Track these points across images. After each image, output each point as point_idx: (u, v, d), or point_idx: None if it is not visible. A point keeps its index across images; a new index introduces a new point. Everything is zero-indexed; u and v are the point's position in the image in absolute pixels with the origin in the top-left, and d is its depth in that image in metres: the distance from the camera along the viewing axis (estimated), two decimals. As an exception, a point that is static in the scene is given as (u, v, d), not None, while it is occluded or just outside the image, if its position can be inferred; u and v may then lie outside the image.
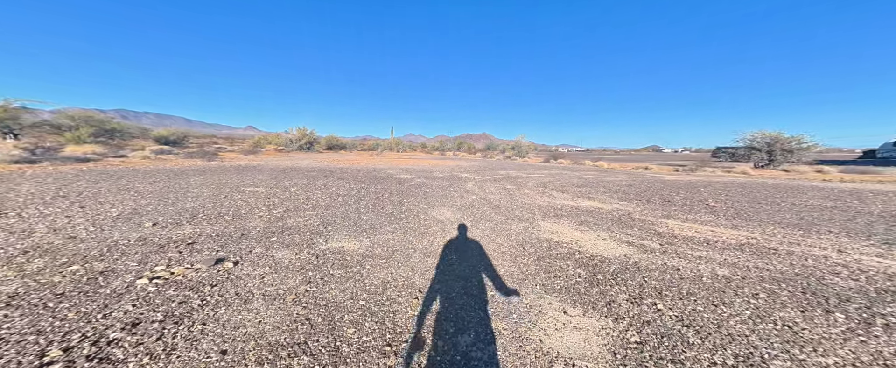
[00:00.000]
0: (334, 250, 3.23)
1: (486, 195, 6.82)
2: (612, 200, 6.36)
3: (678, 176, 11.60)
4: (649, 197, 6.59)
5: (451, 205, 5.69)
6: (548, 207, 5.59)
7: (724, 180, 10.00)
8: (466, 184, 8.79)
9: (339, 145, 34.33)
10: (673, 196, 6.68)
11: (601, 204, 5.87)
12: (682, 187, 8.20)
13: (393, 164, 16.08)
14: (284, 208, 4.99)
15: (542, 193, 7.30)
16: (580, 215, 4.86)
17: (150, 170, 9.32)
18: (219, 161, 13.73)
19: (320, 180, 8.41)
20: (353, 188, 7.28)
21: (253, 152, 22.89)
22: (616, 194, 7.16)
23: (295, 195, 6.03)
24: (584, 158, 28.07)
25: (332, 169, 12.04)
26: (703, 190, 7.61)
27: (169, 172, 9.15)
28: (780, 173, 11.98)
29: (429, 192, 7.14)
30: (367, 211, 5.05)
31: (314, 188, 7.00)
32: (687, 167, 14.66)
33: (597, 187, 8.39)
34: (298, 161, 15.93)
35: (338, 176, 9.65)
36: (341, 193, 6.60)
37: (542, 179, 10.40)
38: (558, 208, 5.42)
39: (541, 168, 15.40)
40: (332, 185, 7.70)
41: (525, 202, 6.03)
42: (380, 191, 7.03)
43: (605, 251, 3.25)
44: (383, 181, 8.77)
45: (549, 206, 5.67)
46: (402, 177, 10.02)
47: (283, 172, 10.31)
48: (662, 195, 6.79)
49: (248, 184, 7.26)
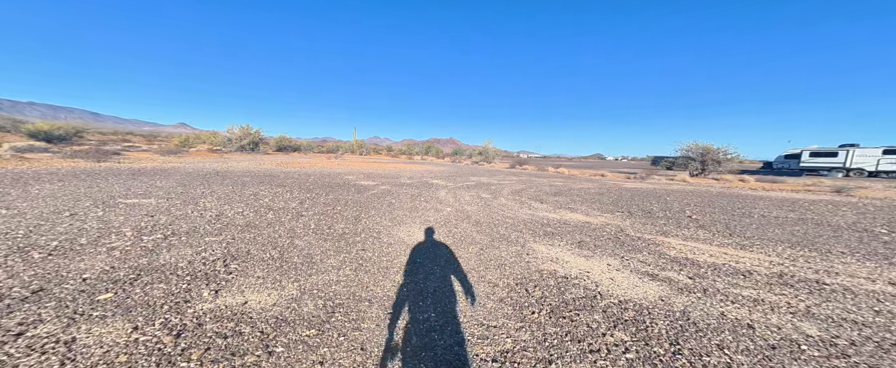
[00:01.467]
0: (224, 312, 1.87)
1: (463, 207, 5.81)
2: (594, 211, 5.83)
3: (636, 184, 12.02)
4: (628, 208, 6.24)
5: (422, 220, 4.53)
6: (532, 221, 4.77)
7: (676, 189, 10.49)
8: (439, 192, 7.71)
9: (291, 147, 30.77)
10: (649, 207, 6.43)
11: (586, 217, 5.26)
12: (649, 196, 8.19)
13: (354, 168, 14.31)
14: (168, 231, 3.33)
15: (520, 203, 6.54)
16: (573, 234, 4.10)
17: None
18: (114, 162, 10.61)
19: (251, 189, 6.58)
20: (294, 199, 5.68)
21: (176, 152, 18.90)
22: (594, 204, 6.72)
23: (199, 212, 4.31)
24: (544, 164, 29.13)
25: (275, 174, 9.99)
26: (670, 199, 7.63)
27: (6, 176, 6.42)
28: (711, 181, 13.24)
29: (395, 203, 5.88)
30: (306, 233, 3.64)
31: (237, 200, 5.26)
32: (637, 175, 15.55)
33: (571, 195, 7.97)
34: (233, 164, 13.27)
35: (279, 183, 7.82)
36: (276, 206, 5.00)
37: (514, 186, 9.80)
38: (544, 224, 4.63)
39: (509, 174, 15.05)
40: (266, 194, 5.98)
41: (506, 216, 5.14)
42: (331, 203, 5.56)
43: (633, 293, 2.42)
44: (338, 189, 7.24)
45: (533, 220, 4.86)
46: (362, 184, 8.55)
47: (203, 177, 8.09)
48: (639, 206, 6.51)
49: (131, 194, 5.20)
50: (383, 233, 3.83)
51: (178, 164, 11.68)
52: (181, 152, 19.29)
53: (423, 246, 3.40)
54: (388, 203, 5.82)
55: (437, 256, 3.10)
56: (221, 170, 10.25)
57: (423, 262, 2.93)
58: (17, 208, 3.84)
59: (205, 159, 16.05)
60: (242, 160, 15.87)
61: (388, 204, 5.75)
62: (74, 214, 3.73)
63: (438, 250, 3.30)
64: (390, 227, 4.12)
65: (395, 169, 15.06)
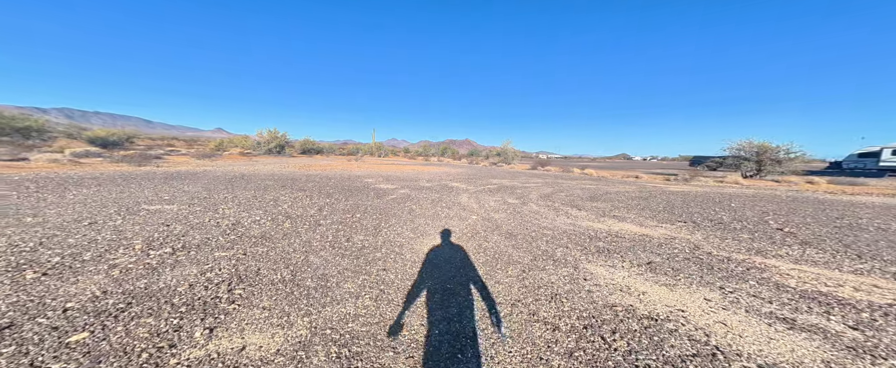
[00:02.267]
0: (214, 365, 1.43)
1: (489, 215, 5.22)
2: (647, 220, 5.00)
3: (681, 186, 10.77)
4: (688, 216, 5.33)
5: (446, 231, 4.01)
6: (576, 233, 4.08)
7: (734, 192, 9.20)
8: (460, 197, 7.16)
9: (314, 149, 31.59)
10: (714, 215, 5.48)
11: (641, 228, 4.47)
12: (706, 202, 7.12)
13: (373, 170, 14.14)
14: (179, 243, 3.05)
15: (554, 209, 5.83)
16: (634, 250, 3.38)
17: (29, 178, 6.76)
18: (153, 166, 11.07)
19: (272, 194, 6.39)
20: (313, 205, 5.38)
21: (210, 155, 19.83)
22: (643, 211, 5.86)
23: (217, 220, 4.06)
24: (567, 164, 27.54)
25: (297, 177, 9.93)
26: (736, 206, 6.54)
27: (48, 181, 6.66)
28: (771, 183, 11.59)
29: (415, 209, 5.41)
30: (323, 247, 3.24)
31: (255, 206, 5.02)
32: (679, 177, 14.06)
33: (610, 200, 7.10)
34: (260, 167, 13.52)
35: (300, 187, 7.64)
36: (294, 213, 4.69)
37: (541, 189, 9.03)
38: (592, 236, 3.93)
39: (532, 176, 14.19)
40: (287, 200, 5.74)
41: (543, 226, 4.49)
42: (350, 209, 5.20)
43: (773, 351, 1.69)
44: (358, 194, 6.91)
45: (576, 231, 4.17)
46: (382, 187, 8.20)
47: (229, 181, 8.09)
48: (702, 214, 5.57)
49: (157, 200, 5.11)
50: (405, 247, 3.35)
51: (210, 167, 12.04)
52: (215, 156, 20.23)
53: (450, 266, 2.87)
54: (408, 210, 5.36)
55: (469, 279, 2.56)
56: (247, 173, 10.37)
57: (454, 289, 2.40)
58: (45, 215, 3.78)
59: (235, 162, 16.62)
60: (268, 163, 16.26)
61: (409, 211, 5.29)
62: (93, 222, 3.58)
63: (469, 271, 2.75)
64: (413, 240, 3.64)
65: (413, 171, 14.72)
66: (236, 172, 10.76)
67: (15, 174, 7.15)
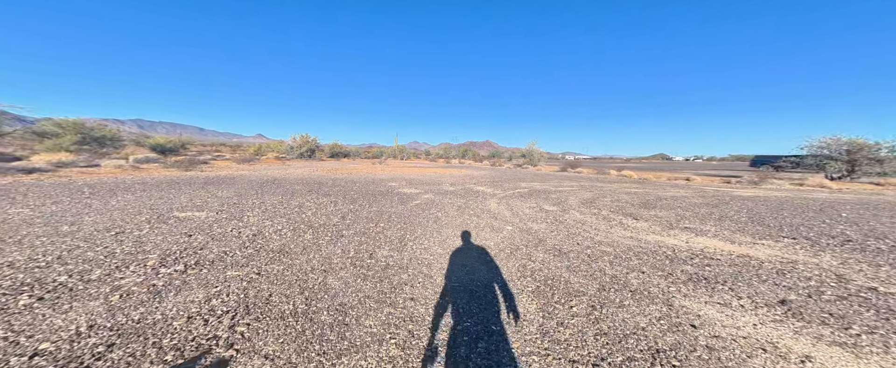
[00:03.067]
0: None
1: (527, 225, 4.53)
2: (736, 234, 4.01)
3: (752, 190, 9.15)
4: (794, 230, 4.23)
5: (478, 244, 3.42)
6: (644, 250, 3.28)
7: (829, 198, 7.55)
8: (488, 203, 6.52)
9: (342, 153, 32.58)
10: (829, 228, 4.31)
11: (732, 245, 3.53)
12: (801, 210, 5.79)
13: (396, 173, 13.92)
14: (194, 259, 2.77)
15: (603, 219, 4.98)
16: (744, 279, 2.55)
17: (89, 183, 7.26)
18: (198, 171, 11.73)
19: (298, 199, 6.23)
20: (337, 212, 5.07)
21: (249, 160, 21.04)
22: (721, 221, 4.80)
23: (239, 229, 3.83)
24: (597, 166, 25.43)
25: (324, 181, 9.90)
26: (852, 216, 5.18)
27: (104, 186, 7.07)
28: (871, 186, 9.46)
29: (441, 218, 4.88)
30: (344, 264, 2.81)
31: (280, 214, 4.80)
32: (743, 179, 12.06)
33: (669, 207, 6.03)
34: (291, 171, 13.89)
35: (325, 191, 7.48)
36: (317, 222, 4.37)
37: (580, 194, 8.07)
38: (670, 256, 3.11)
39: (564, 179, 13.07)
40: (311, 206, 5.50)
41: (597, 240, 3.72)
42: (374, 217, 4.80)
43: None
44: (382, 199, 6.55)
45: (644, 248, 3.36)
46: (405, 192, 7.80)
47: (260, 186, 8.17)
48: (811, 227, 4.41)
49: (189, 206, 5.09)
50: (434, 267, 2.81)
51: (246, 172, 12.55)
52: (253, 161, 21.47)
53: (492, 295, 2.27)
54: (433, 218, 4.84)
55: (518, 315, 1.95)
56: (279, 178, 10.57)
57: (501, 331, 1.80)
58: (81, 223, 3.80)
59: (270, 166, 17.39)
60: (299, 167, 16.77)
61: (434, 219, 4.77)
62: (120, 232, 3.49)
63: (516, 303, 2.14)
64: (441, 256, 3.09)
65: (435, 174, 14.29)
66: (269, 176, 11.03)
67: (80, 180, 7.78)
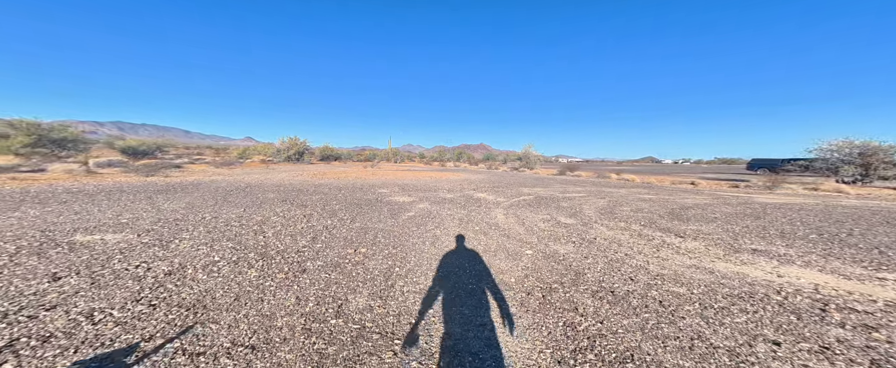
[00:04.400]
0: None
1: (548, 245, 3.53)
2: (836, 261, 3.11)
3: (772, 196, 8.45)
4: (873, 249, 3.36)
5: (496, 282, 2.38)
6: (736, 291, 2.32)
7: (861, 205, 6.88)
8: (494, 214, 5.52)
9: (332, 156, 31.17)
10: None
11: (866, 285, 2.61)
12: (853, 219, 5.00)
13: (388, 178, 12.80)
14: (32, 332, 1.62)
15: (637, 234, 4.03)
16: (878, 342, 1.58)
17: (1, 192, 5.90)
18: (162, 176, 10.33)
19: (265, 212, 5.06)
20: (308, 230, 3.95)
21: (230, 163, 19.48)
22: (791, 239, 3.92)
23: (152, 263, 2.67)
24: (589, 169, 24.76)
25: (306, 187, 8.72)
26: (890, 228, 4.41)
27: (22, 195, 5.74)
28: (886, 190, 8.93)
29: (440, 237, 3.84)
30: (292, 333, 1.71)
31: (229, 235, 3.64)
32: (752, 184, 11.31)
33: (706, 219, 5.15)
34: (272, 175, 12.59)
35: (303, 201, 6.32)
36: (274, 248, 3.25)
37: (593, 202, 7.17)
38: (788, 304, 2.17)
39: (567, 183, 12.23)
40: (277, 222, 4.35)
41: (652, 271, 2.75)
42: (355, 238, 3.70)
43: None
44: (368, 211, 5.46)
45: (731, 287, 2.40)
46: (397, 201, 6.72)
47: (225, 195, 6.95)
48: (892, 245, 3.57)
49: (108, 225, 3.87)
50: (435, 327, 1.76)
51: (220, 177, 11.20)
52: (235, 164, 19.93)
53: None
54: (431, 238, 3.79)
55: None
56: (254, 184, 9.31)
57: None
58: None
59: (251, 170, 15.98)
60: (283, 171, 15.43)
61: (432, 240, 3.72)
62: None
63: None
64: (446, 301, 2.04)
65: (430, 179, 13.23)
66: (243, 182, 9.75)
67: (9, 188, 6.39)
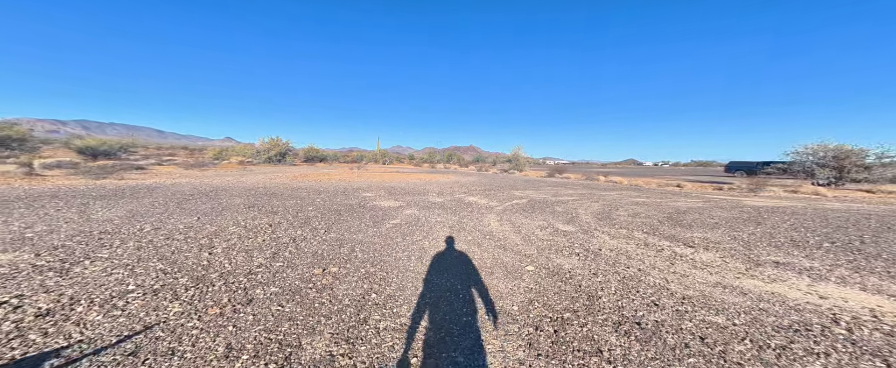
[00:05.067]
0: None
1: (550, 258, 3.08)
2: (870, 276, 2.81)
3: (762, 200, 8.46)
4: (881, 261, 3.13)
5: (496, 310, 1.88)
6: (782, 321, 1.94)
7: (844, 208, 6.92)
8: (487, 220, 5.05)
9: (317, 157, 29.94)
10: None
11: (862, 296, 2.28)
12: (865, 226, 4.88)
13: (375, 180, 12.12)
14: None
15: (642, 243, 3.66)
16: None
17: None
18: (116, 179, 9.22)
19: (224, 220, 4.35)
20: (270, 244, 3.30)
21: (203, 165, 18.11)
22: (808, 249, 3.65)
23: (67, 286, 1.98)
24: (575, 170, 24.99)
25: (282, 191, 7.95)
26: None
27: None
28: (864, 194, 9.22)
29: (428, 249, 3.31)
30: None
31: (164, 254, 2.95)
32: (736, 186, 11.38)
33: (709, 226, 4.89)
34: (247, 178, 11.63)
35: (273, 207, 5.61)
36: (220, 269, 2.61)
37: (587, 205, 6.86)
38: (808, 327, 1.77)
39: (558, 186, 12.00)
40: (234, 234, 3.67)
41: (675, 292, 2.34)
42: (326, 253, 3.10)
43: None
44: (348, 218, 4.85)
45: (773, 314, 2.02)
46: (382, 206, 6.14)
47: (183, 200, 6.12)
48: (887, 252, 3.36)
49: (11, 241, 3.08)
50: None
51: (187, 179, 10.16)
52: (209, 165, 18.54)
53: None
54: (417, 252, 3.25)
55: None
56: (222, 187, 8.43)
57: None
58: None
59: (226, 171, 14.83)
60: (260, 173, 14.39)
61: (418, 253, 3.18)
62: None
63: None
64: (442, 349, 1.52)
65: (419, 181, 12.67)
66: (211, 185, 8.83)
67: None
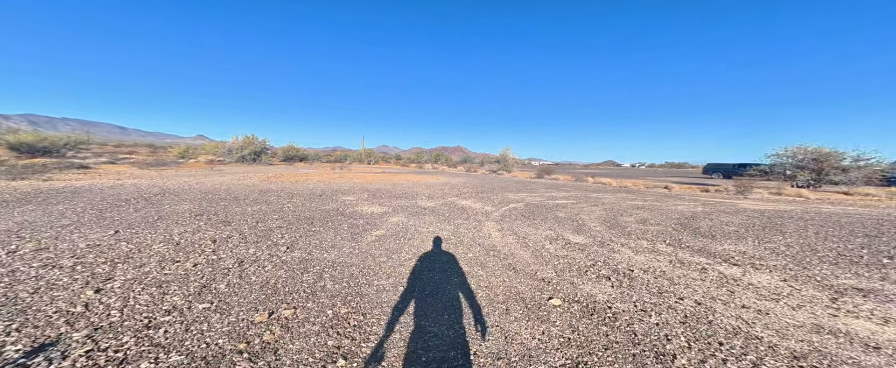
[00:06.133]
0: None
1: (577, 285, 2.41)
2: None
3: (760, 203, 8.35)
4: None
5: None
6: None
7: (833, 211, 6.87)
8: (485, 230, 4.35)
9: (297, 157, 28.15)
10: None
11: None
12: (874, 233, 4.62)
13: (358, 182, 11.12)
14: None
15: (675, 261, 3.10)
16: None
17: None
18: (37, 179, 7.67)
19: (157, 233, 3.33)
20: (204, 271, 2.39)
21: (162, 164, 16.18)
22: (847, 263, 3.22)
23: None
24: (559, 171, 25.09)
25: (247, 194, 6.85)
26: None
27: None
28: (838, 195, 9.47)
29: (421, 272, 2.53)
30: None
31: (9, 295, 1.97)
32: (723, 188, 11.36)
33: (729, 235, 4.46)
34: (211, 178, 10.25)
35: (227, 215, 4.60)
36: (100, 313, 1.68)
37: (586, 209, 6.36)
38: None
39: (549, 187, 11.59)
40: (159, 254, 2.70)
41: (746, 331, 1.73)
42: (285, 281, 2.25)
43: None
44: (322, 227, 3.96)
45: None
46: (364, 212, 5.28)
47: (113, 206, 4.95)
48: None
49: None
50: None
51: (135, 180, 8.71)
52: (170, 164, 16.63)
53: None
54: (406, 277, 2.48)
55: None
56: (174, 189, 7.18)
57: None
58: None
59: (189, 171, 13.20)
60: (229, 174, 12.93)
61: (408, 278, 2.41)
62: None
63: None
64: None
65: (407, 183, 11.80)
66: (161, 187, 7.52)
67: None
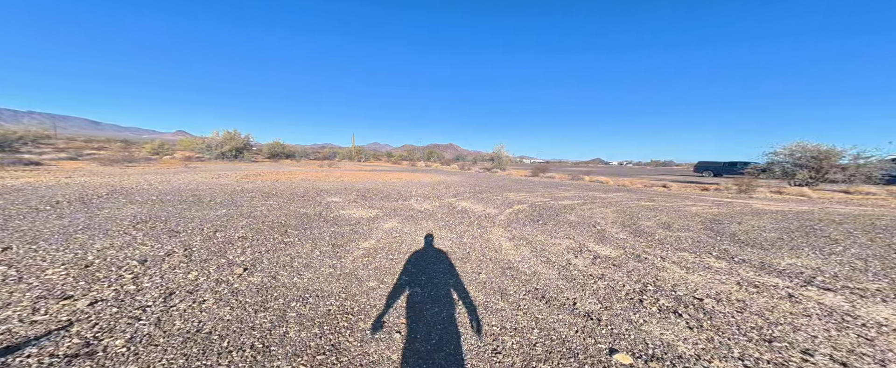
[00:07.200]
0: None
1: (637, 328, 1.81)
2: None
3: (765, 203, 8.12)
4: None
5: None
6: None
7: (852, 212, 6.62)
8: (493, 236, 3.71)
9: (283, 154, 26.77)
10: None
11: None
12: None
13: (347, 180, 10.30)
14: None
15: (733, 276, 2.57)
16: None
17: None
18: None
19: (55, 251, 2.50)
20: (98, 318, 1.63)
21: (130, 160, 14.77)
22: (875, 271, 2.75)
23: None
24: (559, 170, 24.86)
25: (217, 194, 5.97)
26: None
27: None
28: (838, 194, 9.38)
29: (420, 304, 1.86)
30: None
31: None
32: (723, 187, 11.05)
33: (770, 244, 3.99)
34: (182, 177, 9.20)
35: (181, 222, 3.78)
36: None
37: (597, 211, 5.84)
38: None
39: (549, 186, 11.10)
40: (51, 282, 1.91)
41: None
42: (232, 326, 1.52)
43: None
44: (299, 237, 3.21)
45: None
46: (351, 217, 4.54)
47: (30, 212, 4.03)
48: None
49: None
50: None
51: (88, 178, 7.61)
52: (141, 161, 15.22)
53: None
54: (404, 312, 1.81)
55: None
56: (130, 188, 6.21)
57: None
58: None
59: (160, 169, 11.98)
60: (203, 171, 11.81)
61: (405, 315, 1.74)
62: None
63: None
64: None
65: (400, 181, 11.05)
66: (113, 186, 6.52)
67: None
